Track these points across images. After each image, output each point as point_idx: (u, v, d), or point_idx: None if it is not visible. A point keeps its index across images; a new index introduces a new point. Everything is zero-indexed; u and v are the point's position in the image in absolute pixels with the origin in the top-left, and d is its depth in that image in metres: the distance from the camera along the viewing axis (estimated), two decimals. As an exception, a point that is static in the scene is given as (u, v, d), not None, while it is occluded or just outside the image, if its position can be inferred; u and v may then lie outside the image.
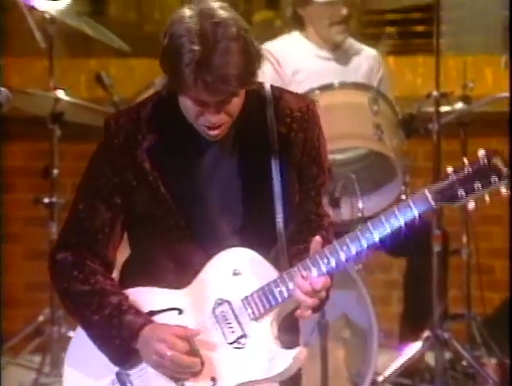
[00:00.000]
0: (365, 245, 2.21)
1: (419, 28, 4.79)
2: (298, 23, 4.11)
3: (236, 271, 2.27)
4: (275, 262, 2.28)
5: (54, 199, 4.07)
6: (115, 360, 2.30)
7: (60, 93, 4.02)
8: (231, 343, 2.25)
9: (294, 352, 2.23)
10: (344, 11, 4.02)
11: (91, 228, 2.34)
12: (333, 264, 2.22)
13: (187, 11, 2.23)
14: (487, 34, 4.91)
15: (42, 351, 4.13)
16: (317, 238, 2.23)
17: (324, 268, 2.22)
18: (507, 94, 4.30)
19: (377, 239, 2.21)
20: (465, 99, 4.15)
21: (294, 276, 2.23)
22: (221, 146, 2.32)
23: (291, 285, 2.23)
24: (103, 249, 2.35)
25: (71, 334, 3.99)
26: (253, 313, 2.25)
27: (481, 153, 2.20)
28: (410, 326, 4.12)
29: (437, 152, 4.04)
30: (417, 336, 3.93)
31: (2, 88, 2.60)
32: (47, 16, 4.00)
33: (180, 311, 2.29)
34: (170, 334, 2.24)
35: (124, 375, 2.30)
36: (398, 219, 2.21)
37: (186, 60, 2.18)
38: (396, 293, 4.63)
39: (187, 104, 2.26)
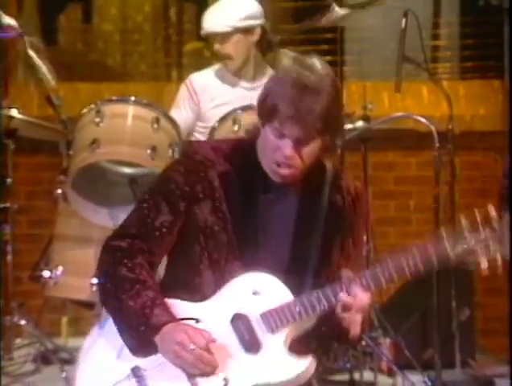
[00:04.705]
0: (383, 281, 2.20)
1: (326, 58, 4.84)
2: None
3: (255, 291, 2.24)
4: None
5: (8, 205, 4.06)
6: (135, 348, 2.22)
7: (14, 112, 4.02)
8: (245, 350, 2.21)
9: (306, 362, 2.20)
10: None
11: (151, 224, 2.29)
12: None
13: (289, 59, 2.28)
14: (384, 63, 5.01)
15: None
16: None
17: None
18: (401, 114, 4.44)
19: (395, 277, 2.21)
20: (365, 118, 4.21)
21: (313, 302, 2.20)
22: (284, 195, 2.31)
23: (310, 310, 2.21)
24: (155, 247, 2.30)
25: (22, 322, 4.02)
26: (271, 326, 2.21)
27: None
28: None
29: (341, 163, 4.13)
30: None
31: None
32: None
33: (198, 321, 2.24)
34: (192, 329, 2.20)
35: (140, 371, 2.22)
36: (418, 264, 2.19)
37: (283, 91, 2.21)
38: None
39: (267, 138, 2.26)
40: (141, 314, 2.22)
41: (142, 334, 2.22)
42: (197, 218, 2.29)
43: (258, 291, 2.23)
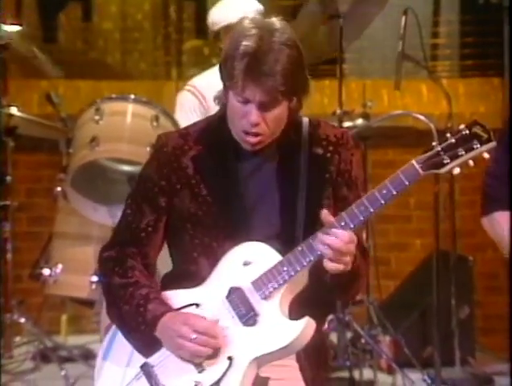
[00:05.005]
0: (362, 218, 2.12)
1: (326, 56, 4.85)
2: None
3: (246, 261, 2.21)
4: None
5: (8, 203, 4.05)
6: (141, 348, 2.22)
7: (13, 110, 4.00)
8: (244, 323, 2.18)
9: (302, 322, 2.15)
10: None
11: (136, 228, 2.28)
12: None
13: (247, 21, 2.21)
14: (384, 61, 5.00)
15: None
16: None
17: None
18: (400, 111, 4.43)
19: (372, 211, 2.12)
20: (365, 116, 4.21)
21: (298, 257, 2.15)
22: (260, 160, 2.26)
23: (296, 265, 2.15)
24: (145, 247, 2.29)
25: (21, 320, 4.01)
26: (263, 292, 2.17)
27: (462, 125, 2.12)
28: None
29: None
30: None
31: None
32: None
33: (198, 305, 2.22)
34: (192, 317, 2.18)
35: (148, 367, 2.21)
36: (391, 191, 2.12)
37: (241, 53, 2.15)
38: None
39: (233, 105, 2.20)
40: (137, 314, 2.21)
41: (144, 333, 2.21)
42: (180, 209, 2.27)
43: (248, 261, 2.20)
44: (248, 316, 2.18)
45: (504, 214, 2.75)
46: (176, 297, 2.25)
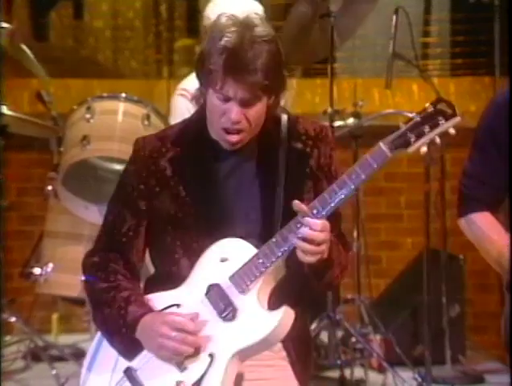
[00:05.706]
0: (333, 204, 2.14)
1: (317, 55, 4.85)
2: None
3: (223, 258, 2.22)
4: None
5: (-2, 202, 4.05)
6: (124, 351, 2.23)
7: (4, 108, 3.99)
8: (223, 319, 2.19)
9: (280, 312, 2.17)
10: None
11: (118, 234, 2.30)
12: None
13: (225, 18, 2.20)
14: (375, 60, 5.01)
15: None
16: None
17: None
18: (391, 110, 4.44)
19: (343, 197, 2.13)
20: (356, 115, 4.21)
21: (272, 248, 2.16)
22: (239, 158, 2.27)
23: (271, 257, 2.16)
24: (127, 252, 2.30)
25: (12, 319, 4.00)
26: (241, 286, 2.18)
27: (428, 103, 2.13)
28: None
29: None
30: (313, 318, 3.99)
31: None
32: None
33: (178, 305, 2.23)
34: (170, 317, 2.19)
35: (131, 372, 2.22)
36: (360, 175, 2.13)
37: (220, 49, 2.15)
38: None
39: (212, 104, 2.20)
40: (118, 317, 2.23)
41: (125, 336, 2.22)
42: (160, 211, 2.28)
43: (225, 257, 2.22)
44: (227, 311, 2.19)
45: (482, 215, 2.72)
46: (157, 299, 2.26)
